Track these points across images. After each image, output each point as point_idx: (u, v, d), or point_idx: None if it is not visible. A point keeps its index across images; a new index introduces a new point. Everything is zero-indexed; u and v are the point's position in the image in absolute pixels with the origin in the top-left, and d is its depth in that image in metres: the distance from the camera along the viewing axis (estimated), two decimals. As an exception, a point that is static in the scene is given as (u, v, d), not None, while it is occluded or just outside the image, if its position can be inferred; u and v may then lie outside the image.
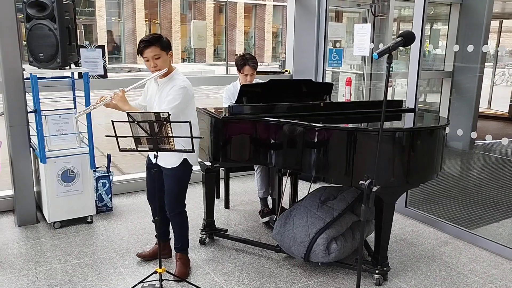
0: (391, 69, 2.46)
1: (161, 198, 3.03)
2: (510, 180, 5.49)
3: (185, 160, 2.92)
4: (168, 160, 2.91)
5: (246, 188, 4.95)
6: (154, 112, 2.53)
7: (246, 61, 3.88)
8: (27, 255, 3.36)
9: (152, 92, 2.95)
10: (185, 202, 3.09)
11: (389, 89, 6.18)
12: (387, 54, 2.12)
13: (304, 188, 3.92)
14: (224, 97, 4.06)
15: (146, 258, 3.30)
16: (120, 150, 2.68)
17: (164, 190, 3.00)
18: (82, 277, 3.07)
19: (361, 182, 2.18)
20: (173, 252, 3.27)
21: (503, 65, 7.88)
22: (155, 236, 3.38)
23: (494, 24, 6.47)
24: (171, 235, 3.27)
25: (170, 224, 3.20)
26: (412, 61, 4.03)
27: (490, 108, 7.36)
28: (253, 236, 3.77)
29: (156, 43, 2.76)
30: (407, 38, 2.22)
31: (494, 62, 6.99)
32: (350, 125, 3.17)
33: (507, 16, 6.98)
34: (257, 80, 4.04)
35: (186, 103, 2.83)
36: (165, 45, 2.80)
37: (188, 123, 2.51)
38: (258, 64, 4.01)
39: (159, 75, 2.80)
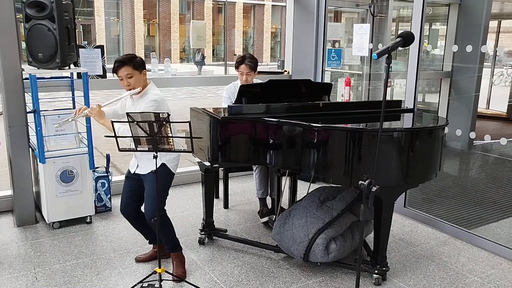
0: (390, 69, 2.46)
1: (139, 206, 3.12)
2: (508, 180, 5.51)
3: (163, 164, 2.96)
4: (147, 168, 2.95)
5: (245, 188, 4.95)
6: (154, 113, 2.55)
7: (244, 59, 3.89)
8: (26, 256, 3.36)
9: (128, 105, 3.06)
10: (165, 208, 3.07)
11: (388, 89, 6.19)
12: (387, 55, 2.12)
13: (303, 188, 3.93)
14: (224, 96, 4.06)
15: (144, 262, 3.30)
16: (120, 150, 2.69)
17: (144, 196, 3.03)
18: (81, 277, 3.07)
19: (360, 182, 2.18)
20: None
21: (502, 65, 7.90)
22: (149, 243, 3.37)
23: (493, 24, 6.49)
24: None
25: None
26: (411, 62, 4.04)
27: (488, 108, 7.39)
28: (252, 236, 3.77)
29: (129, 63, 2.88)
30: (406, 39, 2.21)
31: (493, 62, 7.01)
32: (349, 125, 3.17)
33: (506, 17, 7.00)
34: (256, 80, 4.04)
35: None
36: (138, 65, 2.91)
37: (188, 123, 2.53)
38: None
39: (132, 94, 2.92)
